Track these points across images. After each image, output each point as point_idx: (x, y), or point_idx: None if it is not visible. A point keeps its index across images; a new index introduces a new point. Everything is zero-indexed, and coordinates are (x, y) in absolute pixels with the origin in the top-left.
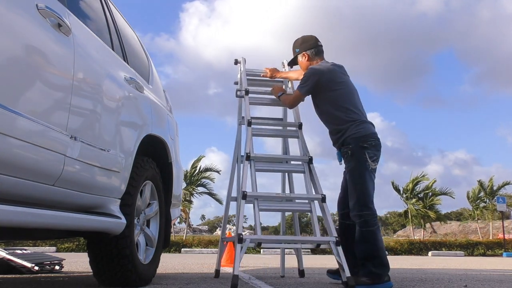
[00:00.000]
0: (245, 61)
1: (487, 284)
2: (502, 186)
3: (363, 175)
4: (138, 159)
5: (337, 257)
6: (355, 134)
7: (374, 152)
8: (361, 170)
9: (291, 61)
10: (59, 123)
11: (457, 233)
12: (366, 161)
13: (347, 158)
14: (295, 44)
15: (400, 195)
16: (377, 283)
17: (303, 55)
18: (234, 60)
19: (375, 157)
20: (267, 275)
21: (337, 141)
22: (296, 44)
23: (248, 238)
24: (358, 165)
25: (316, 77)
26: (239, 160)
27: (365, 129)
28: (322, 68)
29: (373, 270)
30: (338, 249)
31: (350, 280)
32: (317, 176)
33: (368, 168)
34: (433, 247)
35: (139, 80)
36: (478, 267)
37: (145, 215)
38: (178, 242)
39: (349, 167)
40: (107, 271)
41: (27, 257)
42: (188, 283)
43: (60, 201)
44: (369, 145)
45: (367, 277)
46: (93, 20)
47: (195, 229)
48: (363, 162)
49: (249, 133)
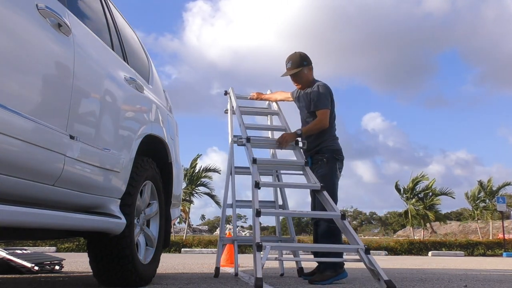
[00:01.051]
0: (233, 90)
1: (487, 284)
2: (502, 186)
3: (334, 182)
4: (138, 159)
5: (369, 265)
6: (331, 146)
7: (341, 165)
8: (332, 177)
9: (295, 73)
10: (59, 123)
11: (457, 233)
12: (336, 171)
13: (321, 164)
14: (300, 57)
15: (401, 195)
16: (340, 272)
17: (310, 68)
18: (224, 91)
19: (341, 169)
20: (267, 274)
21: (313, 148)
22: (302, 57)
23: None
24: (330, 173)
25: (331, 94)
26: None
27: (338, 144)
28: (329, 87)
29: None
30: (369, 257)
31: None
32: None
33: (337, 177)
34: (433, 247)
35: (139, 80)
36: (478, 267)
37: (145, 215)
38: (178, 242)
39: (321, 173)
40: (107, 271)
41: (27, 257)
42: (188, 283)
43: (60, 201)
44: (339, 158)
45: (331, 270)
46: (93, 20)
47: (195, 229)
48: (334, 171)
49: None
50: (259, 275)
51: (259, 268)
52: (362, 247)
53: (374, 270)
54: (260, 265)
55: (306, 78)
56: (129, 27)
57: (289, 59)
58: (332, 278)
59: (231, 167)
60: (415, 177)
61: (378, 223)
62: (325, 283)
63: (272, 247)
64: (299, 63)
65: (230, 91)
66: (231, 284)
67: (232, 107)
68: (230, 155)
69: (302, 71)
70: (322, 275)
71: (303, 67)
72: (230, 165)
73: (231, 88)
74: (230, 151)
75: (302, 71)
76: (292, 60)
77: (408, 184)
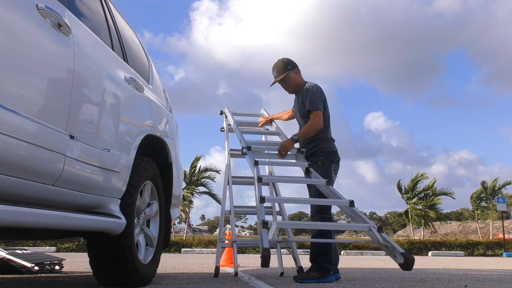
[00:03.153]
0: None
1: (487, 284)
2: (503, 186)
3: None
4: (138, 159)
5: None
6: (326, 148)
7: (336, 167)
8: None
9: (280, 79)
10: (59, 123)
11: (457, 233)
12: (331, 173)
13: (316, 167)
14: (283, 63)
15: (402, 194)
16: (326, 276)
17: (296, 71)
18: (220, 111)
19: (337, 171)
20: (267, 274)
21: (308, 150)
22: (285, 63)
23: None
24: (325, 175)
25: (323, 95)
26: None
27: (334, 146)
28: (320, 88)
29: (323, 265)
30: (382, 235)
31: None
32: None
33: (332, 179)
34: (433, 247)
35: (139, 80)
36: (478, 267)
37: (145, 215)
38: (178, 242)
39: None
40: (107, 271)
41: (27, 257)
42: (188, 283)
43: (60, 201)
44: (334, 160)
45: (317, 272)
46: (93, 20)
47: (195, 229)
48: (329, 173)
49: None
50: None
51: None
52: (374, 226)
53: (388, 247)
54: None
55: (294, 82)
56: (129, 27)
57: (274, 67)
58: (316, 279)
59: (229, 178)
60: (415, 177)
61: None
62: (306, 282)
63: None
64: (283, 69)
65: (226, 110)
66: (231, 284)
67: (229, 125)
68: (227, 167)
69: (289, 76)
70: (307, 274)
71: (288, 71)
72: (228, 176)
73: (226, 108)
74: (227, 164)
75: (289, 76)
76: (277, 68)
77: (408, 183)
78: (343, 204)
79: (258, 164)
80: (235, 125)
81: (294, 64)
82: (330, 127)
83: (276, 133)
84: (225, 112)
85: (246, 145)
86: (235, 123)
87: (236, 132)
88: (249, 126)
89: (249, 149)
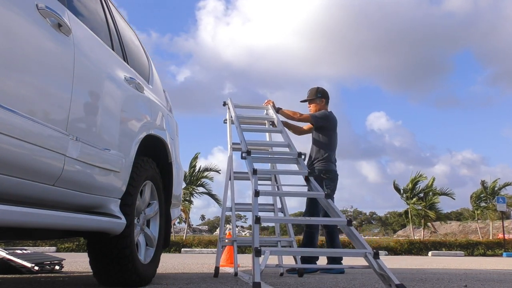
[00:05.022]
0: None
1: (487, 284)
2: (503, 186)
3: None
4: (138, 159)
5: (379, 270)
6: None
7: (329, 183)
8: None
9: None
10: (59, 123)
11: (457, 233)
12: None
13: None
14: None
15: (400, 194)
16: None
17: (322, 100)
18: (223, 102)
19: (330, 186)
20: (267, 274)
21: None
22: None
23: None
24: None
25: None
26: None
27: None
28: (330, 116)
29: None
30: (379, 262)
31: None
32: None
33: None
34: (433, 247)
35: (139, 80)
36: (478, 267)
37: (145, 215)
38: (178, 242)
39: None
40: (107, 271)
41: (27, 257)
42: (188, 283)
43: (60, 201)
44: (328, 177)
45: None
46: (93, 20)
47: (195, 229)
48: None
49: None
50: (257, 280)
51: (257, 272)
52: (371, 252)
53: (384, 275)
54: (258, 270)
55: (317, 108)
56: (129, 27)
57: (309, 90)
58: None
59: (230, 173)
60: (414, 177)
61: (378, 223)
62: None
63: (272, 252)
64: (314, 95)
65: (229, 102)
66: (231, 284)
67: (231, 117)
68: (229, 161)
69: (314, 101)
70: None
71: (316, 98)
72: (230, 170)
73: (229, 99)
74: (229, 158)
75: (314, 101)
76: (310, 92)
77: (408, 184)
78: (340, 223)
79: (257, 173)
80: (236, 121)
81: (325, 94)
82: (333, 150)
83: (278, 131)
84: (227, 103)
85: (246, 149)
86: (237, 119)
87: (238, 130)
88: (252, 120)
89: (248, 154)
